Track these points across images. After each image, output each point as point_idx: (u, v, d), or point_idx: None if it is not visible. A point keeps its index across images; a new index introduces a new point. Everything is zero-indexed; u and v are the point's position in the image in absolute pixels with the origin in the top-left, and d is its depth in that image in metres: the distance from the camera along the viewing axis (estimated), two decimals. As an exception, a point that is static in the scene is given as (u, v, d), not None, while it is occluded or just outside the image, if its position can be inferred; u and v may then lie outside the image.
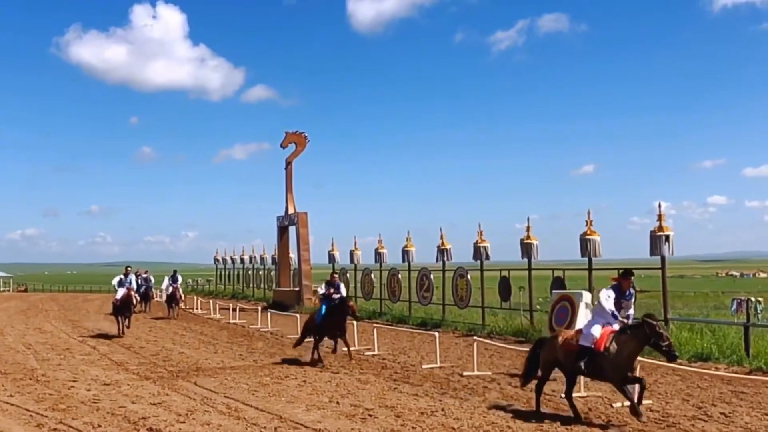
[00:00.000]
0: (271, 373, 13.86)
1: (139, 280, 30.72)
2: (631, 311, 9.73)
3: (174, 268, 32.73)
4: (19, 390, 11.77)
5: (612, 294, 9.56)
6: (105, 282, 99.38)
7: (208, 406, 10.46)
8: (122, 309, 21.22)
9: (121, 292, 21.40)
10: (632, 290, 9.96)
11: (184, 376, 13.44)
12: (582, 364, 9.39)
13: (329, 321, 15.56)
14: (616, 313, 9.45)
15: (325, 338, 15.96)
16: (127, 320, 21.39)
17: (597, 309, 9.86)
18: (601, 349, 9.24)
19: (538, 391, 10.15)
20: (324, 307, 15.86)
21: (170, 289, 30.94)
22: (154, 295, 36.84)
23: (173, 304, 30.02)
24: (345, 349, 15.97)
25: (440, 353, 15.37)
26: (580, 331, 9.86)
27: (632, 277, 9.86)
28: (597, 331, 9.41)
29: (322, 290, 16.19)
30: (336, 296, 15.81)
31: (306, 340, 16.41)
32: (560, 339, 9.91)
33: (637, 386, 9.26)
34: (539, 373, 10.23)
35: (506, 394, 11.43)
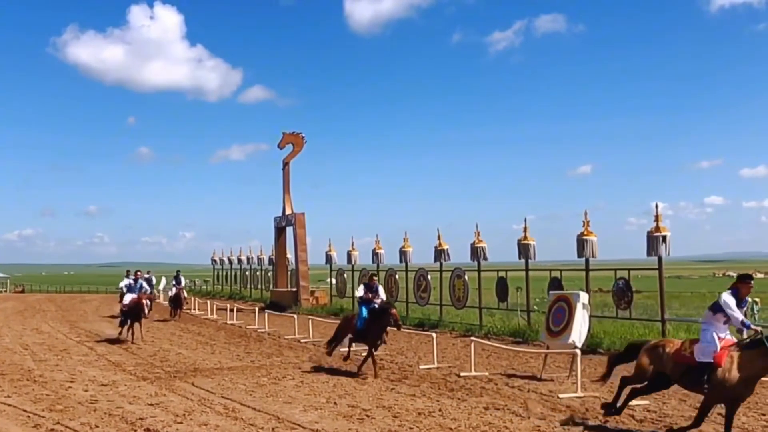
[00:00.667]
0: (269, 373, 13.86)
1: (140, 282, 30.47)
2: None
3: (177, 269, 32.34)
4: (16, 391, 11.76)
5: (733, 300, 8.40)
6: (102, 283, 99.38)
7: (205, 406, 10.45)
8: (131, 315, 19.56)
9: (129, 297, 19.97)
10: (747, 297, 8.88)
11: (181, 376, 13.44)
12: (704, 383, 8.33)
13: (372, 327, 13.89)
14: (747, 321, 8.39)
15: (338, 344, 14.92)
16: (139, 326, 19.73)
17: (710, 317, 8.62)
18: (722, 364, 8.20)
19: (627, 398, 9.33)
20: (364, 310, 14.15)
21: (174, 290, 29.99)
22: (156, 297, 35.73)
23: (177, 306, 29.43)
24: (370, 360, 13.92)
25: (437, 354, 15.38)
26: (691, 341, 8.85)
27: (752, 281, 8.69)
28: (716, 343, 8.36)
29: (360, 293, 14.58)
30: (377, 301, 14.17)
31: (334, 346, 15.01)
32: (669, 349, 8.85)
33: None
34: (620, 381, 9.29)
35: (503, 395, 11.44)
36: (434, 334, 16.25)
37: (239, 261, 46.57)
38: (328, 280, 37.28)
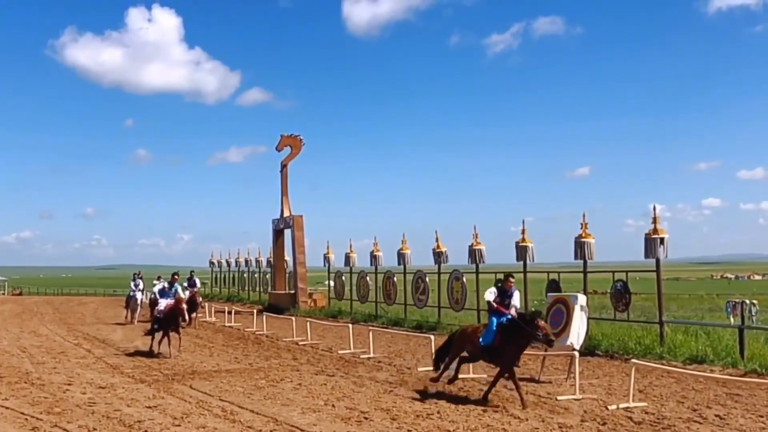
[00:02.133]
0: (267, 376, 13.85)
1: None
2: None
3: (191, 270, 31.50)
4: (14, 393, 11.74)
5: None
6: (100, 285, 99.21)
7: (203, 409, 10.44)
8: (167, 323, 17.33)
9: (164, 303, 17.94)
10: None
11: (179, 379, 13.42)
12: None
13: (508, 345, 10.95)
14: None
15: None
16: (177, 336, 17.59)
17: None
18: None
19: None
20: (494, 322, 11.30)
21: (187, 293, 27.79)
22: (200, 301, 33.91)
23: (192, 311, 27.07)
24: (512, 387, 11.15)
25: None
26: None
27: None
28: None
29: (490, 296, 11.58)
30: (511, 310, 11.33)
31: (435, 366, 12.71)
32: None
33: None
34: None
35: (502, 397, 11.43)
36: (432, 337, 16.24)
37: (237, 263, 46.50)
38: (327, 282, 37.27)
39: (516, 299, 11.52)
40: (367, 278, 29.58)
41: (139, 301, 28.23)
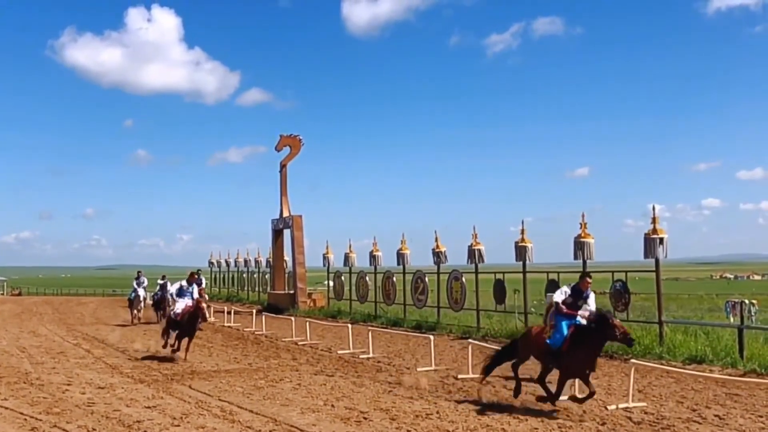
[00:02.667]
0: (266, 376, 13.85)
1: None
2: None
3: (198, 268, 31.13)
4: (13, 394, 11.74)
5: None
6: (100, 285, 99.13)
7: (202, 409, 10.44)
8: (185, 327, 16.39)
9: (181, 304, 16.84)
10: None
11: (178, 379, 13.42)
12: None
13: (580, 349, 10.02)
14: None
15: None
16: (187, 342, 16.54)
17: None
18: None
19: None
20: (564, 325, 10.39)
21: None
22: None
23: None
24: (583, 393, 10.45)
25: (435, 356, 15.37)
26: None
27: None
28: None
29: (560, 296, 10.72)
30: (585, 313, 10.44)
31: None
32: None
33: None
34: None
35: (501, 397, 11.44)
36: (432, 337, 16.26)
37: (236, 263, 46.50)
38: (326, 282, 37.28)
39: (592, 301, 10.62)
40: (367, 278, 29.57)
41: (141, 299, 27.77)
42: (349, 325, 19.77)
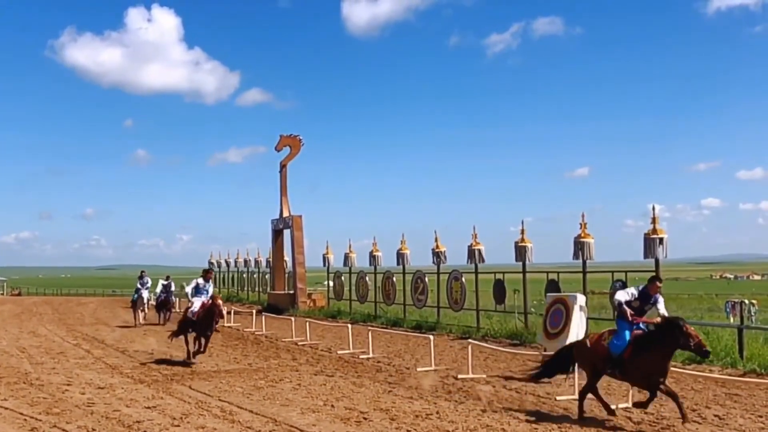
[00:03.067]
0: (266, 376, 13.85)
1: (144, 281, 27.69)
2: None
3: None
4: (13, 394, 11.74)
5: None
6: (99, 285, 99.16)
7: (202, 409, 10.44)
8: (202, 325, 15.75)
9: (198, 303, 16.11)
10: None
11: (178, 379, 13.42)
12: None
13: (650, 355, 9.26)
14: None
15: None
16: (204, 341, 15.87)
17: None
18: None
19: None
20: (626, 331, 9.60)
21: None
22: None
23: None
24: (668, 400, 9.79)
25: (435, 356, 15.37)
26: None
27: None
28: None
29: (624, 296, 9.83)
30: (657, 319, 9.56)
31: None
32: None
33: None
34: None
35: (501, 397, 11.45)
36: (432, 337, 16.26)
37: (236, 263, 46.49)
38: (326, 282, 37.29)
39: (662, 306, 9.75)
40: (367, 278, 29.57)
41: (145, 301, 27.15)
42: (349, 326, 19.77)
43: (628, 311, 9.65)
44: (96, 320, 30.09)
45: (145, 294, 27.08)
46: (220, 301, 15.91)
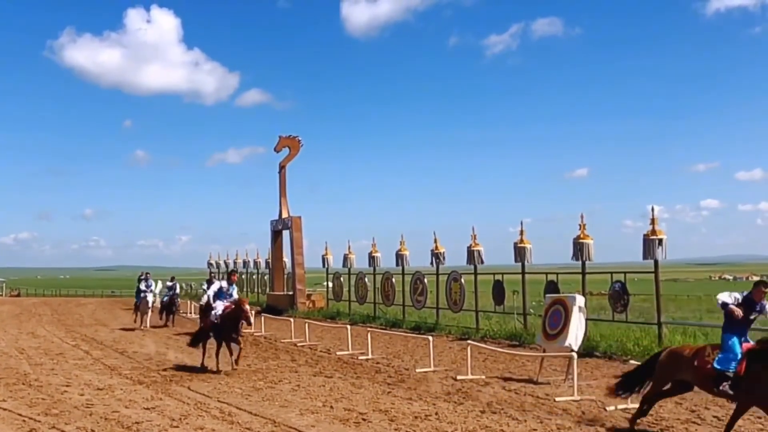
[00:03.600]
0: (265, 377, 13.85)
1: (142, 286, 26.54)
2: None
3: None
4: (11, 395, 11.73)
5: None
6: (98, 286, 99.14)
7: (201, 410, 10.44)
8: (226, 330, 14.90)
9: (221, 306, 15.24)
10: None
11: (177, 380, 13.42)
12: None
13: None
14: None
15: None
16: (237, 351, 14.85)
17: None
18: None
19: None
20: (736, 341, 8.50)
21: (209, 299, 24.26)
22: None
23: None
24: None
25: (434, 357, 15.37)
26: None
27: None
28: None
29: (729, 298, 8.63)
30: None
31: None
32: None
33: None
34: None
35: (500, 398, 11.44)
36: (431, 338, 16.25)
37: (235, 264, 46.44)
38: (325, 283, 37.30)
39: None
40: (366, 279, 29.58)
41: (150, 304, 26.06)
42: (348, 327, 19.76)
43: (736, 310, 8.46)
44: (95, 321, 30.10)
45: (150, 297, 26.06)
46: (247, 306, 15.00)
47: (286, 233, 36.56)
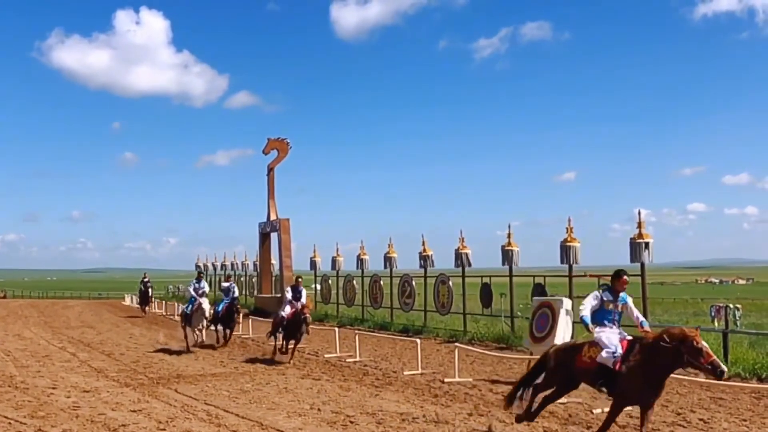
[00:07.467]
0: (252, 379, 13.83)
1: (201, 286, 20.53)
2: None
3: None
4: (-3, 397, 11.67)
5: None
6: (86, 288, 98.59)
7: (188, 413, 10.41)
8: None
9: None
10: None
11: (164, 383, 13.38)
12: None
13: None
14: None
15: None
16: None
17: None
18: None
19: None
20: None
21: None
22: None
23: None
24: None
25: (422, 360, 15.40)
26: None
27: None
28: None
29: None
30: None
31: None
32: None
33: None
34: None
35: (487, 401, 11.47)
36: (418, 340, 16.28)
37: (223, 267, 46.36)
38: (313, 286, 37.26)
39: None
40: (354, 282, 29.58)
41: (207, 313, 19.88)
42: (336, 329, 19.76)
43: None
44: (82, 323, 29.96)
45: (205, 304, 19.81)
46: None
47: (274, 235, 36.51)
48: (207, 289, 21.14)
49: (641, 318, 8.83)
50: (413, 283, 25.43)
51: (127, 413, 10.40)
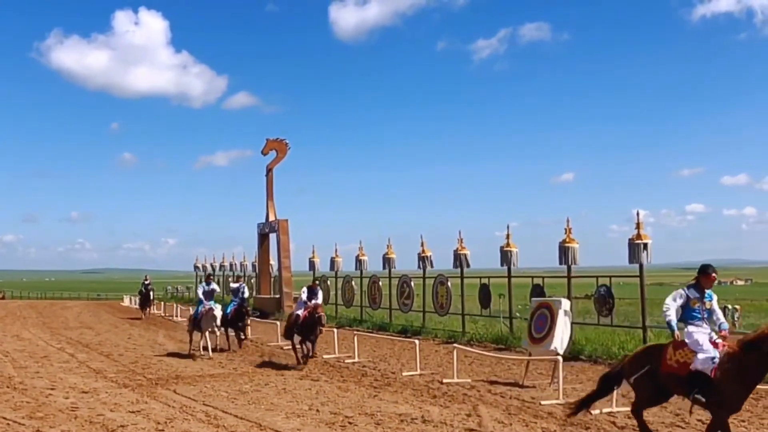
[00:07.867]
0: (251, 380, 13.83)
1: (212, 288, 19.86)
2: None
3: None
4: (-5, 398, 11.66)
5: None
6: (84, 289, 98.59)
7: (187, 414, 10.41)
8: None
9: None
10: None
11: (163, 383, 13.38)
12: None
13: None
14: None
15: None
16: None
17: None
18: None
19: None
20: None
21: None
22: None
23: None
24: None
25: (420, 360, 15.40)
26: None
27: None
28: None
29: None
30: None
31: None
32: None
33: None
34: None
35: (486, 402, 11.47)
36: (417, 341, 16.29)
37: (222, 267, 46.35)
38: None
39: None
40: (353, 282, 29.59)
41: (218, 319, 18.60)
42: (335, 330, 19.76)
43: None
44: (80, 324, 29.95)
45: (217, 310, 18.67)
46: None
47: (273, 236, 36.52)
48: (218, 289, 20.54)
49: (722, 319, 8.24)
50: (412, 283, 25.44)
51: (125, 414, 10.39)
